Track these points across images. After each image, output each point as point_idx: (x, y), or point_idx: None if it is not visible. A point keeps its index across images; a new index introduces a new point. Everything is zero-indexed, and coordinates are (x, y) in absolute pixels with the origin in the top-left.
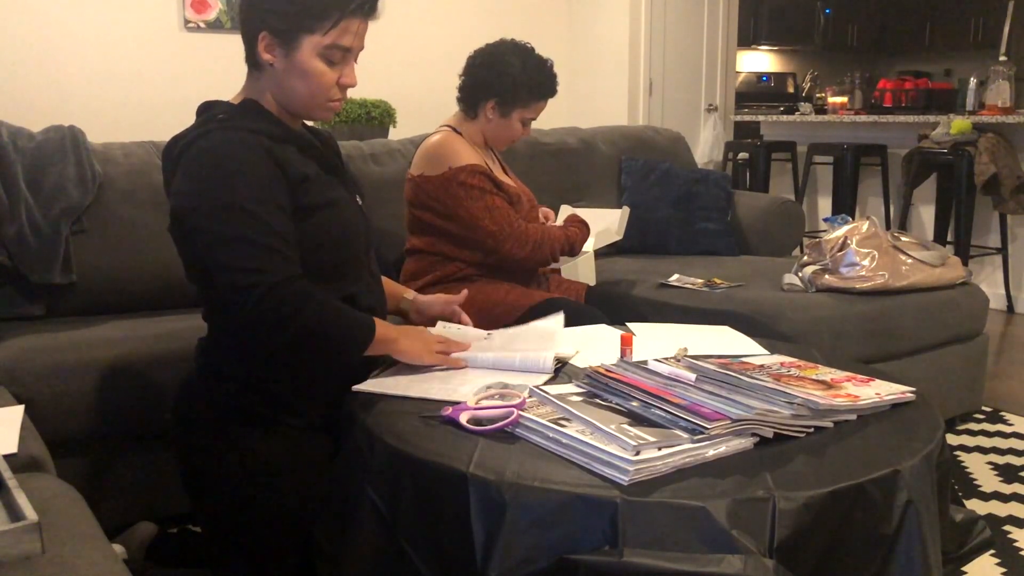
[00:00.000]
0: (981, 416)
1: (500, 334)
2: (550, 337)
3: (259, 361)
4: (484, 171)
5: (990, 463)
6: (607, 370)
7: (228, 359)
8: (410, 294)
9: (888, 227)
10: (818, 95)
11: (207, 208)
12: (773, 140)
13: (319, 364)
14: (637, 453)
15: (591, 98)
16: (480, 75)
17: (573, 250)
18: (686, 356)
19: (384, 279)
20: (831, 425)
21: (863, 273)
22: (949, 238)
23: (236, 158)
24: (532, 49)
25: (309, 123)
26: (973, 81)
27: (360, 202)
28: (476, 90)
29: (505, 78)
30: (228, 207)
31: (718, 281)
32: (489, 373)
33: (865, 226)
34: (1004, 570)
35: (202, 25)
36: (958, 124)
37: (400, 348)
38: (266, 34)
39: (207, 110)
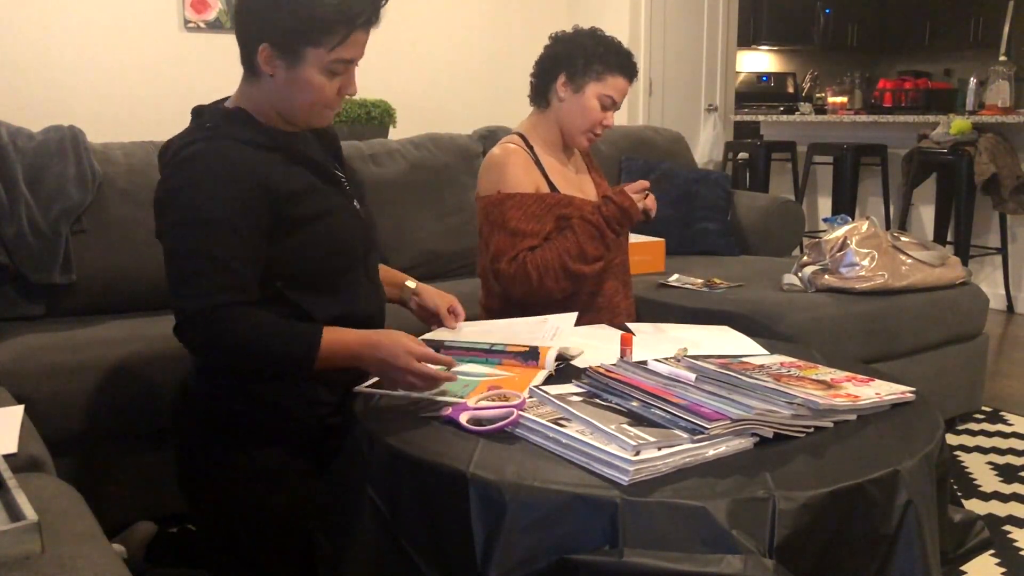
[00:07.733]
0: (981, 416)
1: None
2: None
3: None
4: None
5: (990, 463)
6: (607, 370)
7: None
8: (412, 283)
9: (888, 227)
10: (818, 95)
11: (169, 219)
12: (773, 140)
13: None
14: (637, 453)
15: None
16: (550, 51)
17: (603, 236)
18: (686, 356)
19: (385, 268)
20: (831, 425)
21: (863, 273)
22: (949, 238)
23: (210, 174)
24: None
25: None
26: (973, 81)
27: (359, 206)
28: (546, 70)
29: (575, 48)
30: (182, 223)
31: (718, 281)
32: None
33: (865, 226)
34: (1004, 570)
35: (202, 25)
36: (958, 124)
37: (365, 359)
38: (267, 47)
39: (198, 116)
